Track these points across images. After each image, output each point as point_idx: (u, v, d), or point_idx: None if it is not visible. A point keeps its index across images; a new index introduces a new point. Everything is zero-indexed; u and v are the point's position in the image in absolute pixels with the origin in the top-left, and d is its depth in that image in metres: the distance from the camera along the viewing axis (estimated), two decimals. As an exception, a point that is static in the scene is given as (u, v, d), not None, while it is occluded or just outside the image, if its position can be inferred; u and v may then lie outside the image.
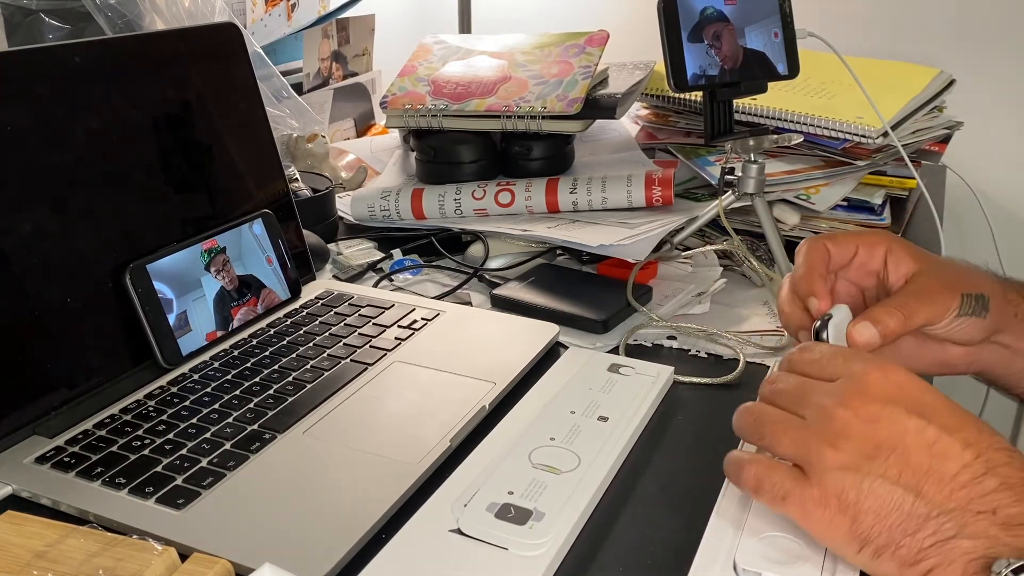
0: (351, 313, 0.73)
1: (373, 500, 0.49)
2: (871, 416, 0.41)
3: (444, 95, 0.96)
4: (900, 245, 0.55)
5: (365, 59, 1.34)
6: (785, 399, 0.45)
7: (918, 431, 0.41)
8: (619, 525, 0.50)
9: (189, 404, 0.59)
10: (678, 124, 1.05)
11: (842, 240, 0.56)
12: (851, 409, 0.42)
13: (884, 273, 0.55)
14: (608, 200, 0.87)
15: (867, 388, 0.42)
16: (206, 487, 0.51)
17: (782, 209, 0.90)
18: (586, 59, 0.97)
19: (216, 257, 0.68)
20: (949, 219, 1.05)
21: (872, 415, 0.41)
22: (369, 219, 0.92)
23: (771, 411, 0.45)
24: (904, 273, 0.54)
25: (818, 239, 0.56)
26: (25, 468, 0.53)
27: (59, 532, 0.45)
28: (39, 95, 0.59)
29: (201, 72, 0.71)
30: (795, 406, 0.44)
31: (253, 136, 0.76)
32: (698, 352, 0.70)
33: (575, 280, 0.80)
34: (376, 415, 0.59)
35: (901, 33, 1.40)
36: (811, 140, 0.92)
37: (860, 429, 0.41)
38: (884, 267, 0.55)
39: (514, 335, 0.69)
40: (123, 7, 0.87)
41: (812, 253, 0.55)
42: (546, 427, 0.56)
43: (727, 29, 0.76)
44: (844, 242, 0.56)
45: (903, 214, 0.97)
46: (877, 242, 0.55)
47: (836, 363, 0.45)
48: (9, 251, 0.56)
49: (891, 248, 0.55)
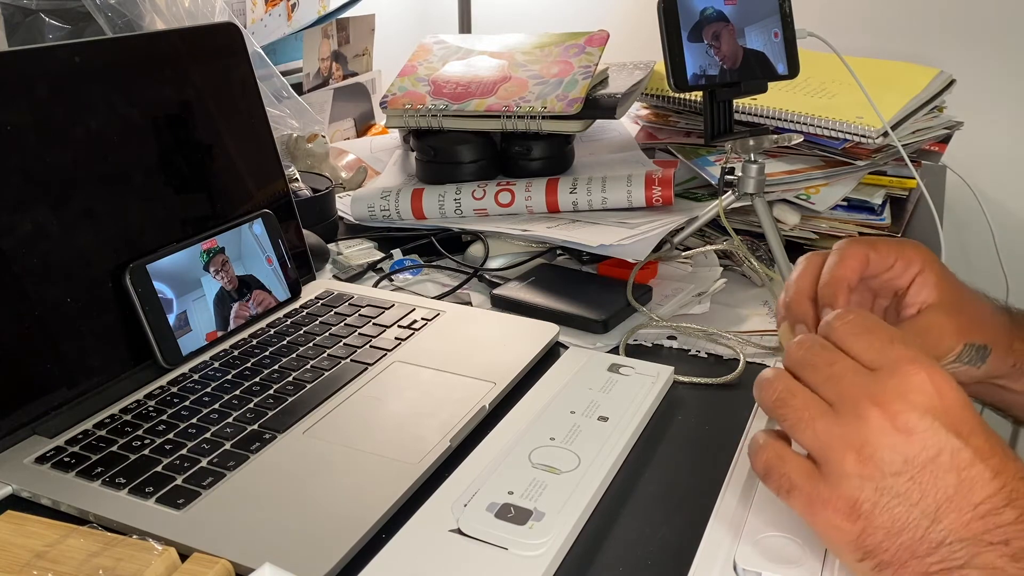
0: (351, 313, 0.73)
1: (373, 500, 0.49)
2: (907, 426, 0.38)
3: (444, 95, 0.96)
4: (931, 269, 0.52)
5: (365, 59, 1.34)
6: (814, 375, 0.41)
7: (953, 452, 0.38)
8: (619, 525, 0.50)
9: (189, 404, 0.59)
10: (678, 124, 1.05)
11: (885, 250, 0.52)
12: (887, 412, 0.39)
13: (905, 294, 0.52)
14: (608, 200, 0.87)
15: (909, 390, 0.39)
16: (206, 487, 0.51)
17: (782, 209, 0.90)
18: (586, 59, 0.97)
19: (215, 257, 0.68)
20: (949, 219, 1.05)
21: (908, 425, 0.38)
22: (369, 219, 0.92)
23: (797, 390, 0.41)
24: (923, 300, 0.51)
25: (860, 244, 0.51)
26: (25, 468, 0.53)
27: (59, 532, 0.45)
28: (39, 95, 0.59)
29: (201, 72, 0.71)
30: (825, 386, 0.41)
31: (253, 136, 0.76)
32: (698, 352, 0.70)
33: (575, 280, 0.80)
34: (376, 415, 0.59)
35: (901, 33, 1.40)
36: (811, 140, 0.92)
37: (892, 439, 0.38)
38: (908, 287, 0.52)
39: (514, 335, 0.69)
40: (123, 7, 0.87)
41: (851, 259, 0.51)
42: (546, 427, 0.56)
43: (726, 29, 0.76)
44: (886, 253, 0.51)
45: (903, 214, 0.97)
46: (914, 259, 0.52)
47: (879, 344, 0.41)
48: (9, 251, 0.56)
49: (923, 271, 0.51)
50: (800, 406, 0.41)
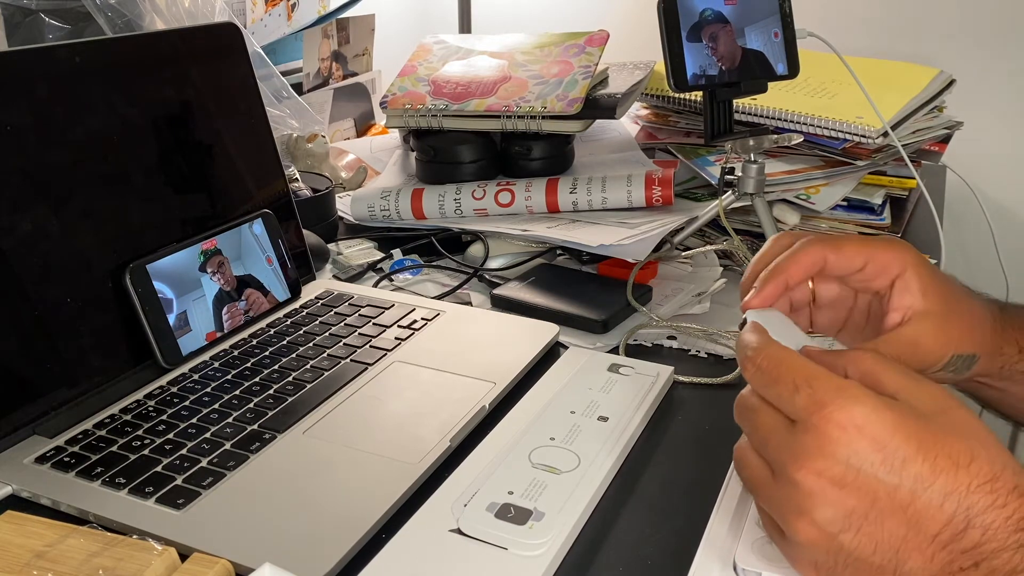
0: (351, 313, 0.73)
1: (373, 500, 0.49)
2: (837, 479, 0.37)
3: (444, 95, 0.96)
4: (914, 272, 0.48)
5: (365, 59, 1.34)
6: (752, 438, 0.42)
7: (889, 495, 0.37)
8: (619, 525, 0.50)
9: (189, 404, 0.59)
10: (678, 124, 1.05)
11: (850, 252, 0.48)
12: (812, 472, 0.38)
13: (888, 296, 0.49)
14: (608, 200, 0.87)
15: (826, 444, 0.37)
16: (206, 487, 0.51)
17: (782, 209, 0.90)
18: (586, 59, 0.97)
19: (211, 258, 0.68)
20: (949, 219, 1.05)
21: (838, 477, 0.37)
22: (369, 219, 0.92)
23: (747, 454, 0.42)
24: (907, 306, 0.48)
25: (821, 244, 0.48)
26: (25, 468, 0.53)
27: (59, 532, 0.45)
28: (39, 95, 0.59)
29: (201, 72, 0.71)
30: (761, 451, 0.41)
31: (253, 136, 0.76)
32: (698, 352, 0.70)
33: (575, 280, 0.80)
34: (376, 415, 0.59)
35: (901, 33, 1.40)
36: (811, 140, 0.92)
37: (829, 496, 0.37)
38: (889, 291, 0.48)
39: (514, 335, 0.69)
40: (123, 7, 0.87)
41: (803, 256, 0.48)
42: (546, 427, 0.56)
43: (724, 30, 0.76)
44: (851, 255, 0.48)
45: (903, 214, 0.97)
46: (890, 264, 0.48)
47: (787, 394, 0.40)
48: (9, 251, 0.56)
49: (903, 274, 0.48)
50: (751, 475, 0.42)
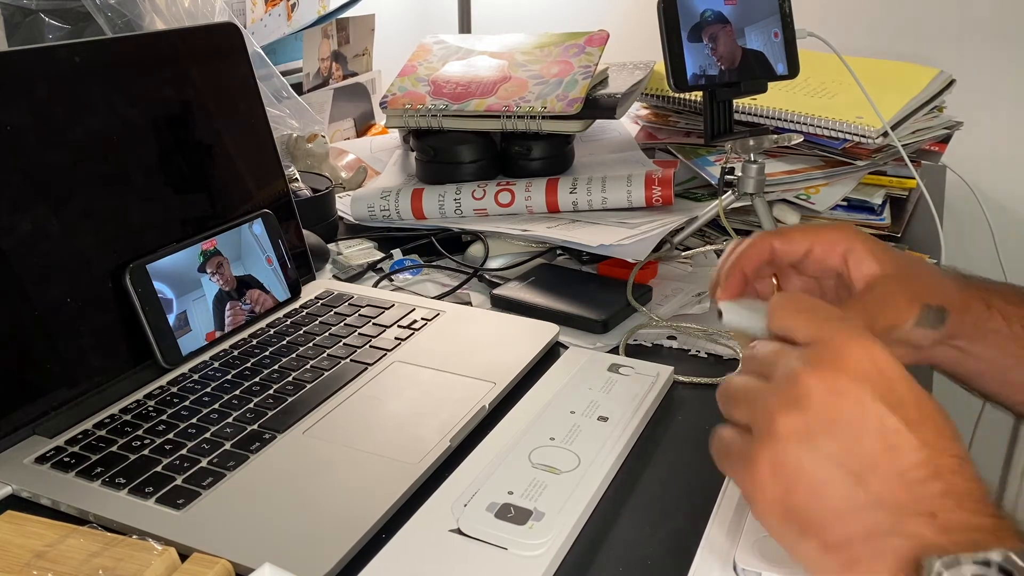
0: (351, 313, 0.73)
1: (373, 500, 0.49)
2: (837, 389, 0.39)
3: (444, 95, 0.96)
4: (862, 244, 0.52)
5: (365, 59, 1.34)
6: (756, 363, 0.43)
7: (879, 417, 0.38)
8: (619, 525, 0.50)
9: (189, 404, 0.59)
10: (678, 124, 1.05)
11: (794, 238, 0.53)
12: (819, 377, 0.39)
13: (846, 272, 0.52)
14: (608, 200, 0.87)
15: (842, 359, 0.39)
16: (206, 487, 0.51)
17: (782, 209, 0.90)
18: (586, 59, 0.97)
19: (210, 259, 0.68)
20: (949, 219, 1.05)
21: (838, 388, 0.39)
22: (369, 219, 0.92)
23: (736, 380, 0.43)
24: (867, 274, 0.51)
25: (766, 234, 0.53)
26: (25, 468, 0.53)
27: (59, 532, 0.45)
28: (39, 95, 0.59)
29: (201, 72, 0.71)
30: (762, 368, 0.42)
31: (253, 136, 0.76)
32: (698, 352, 0.70)
33: (575, 280, 0.80)
34: (376, 415, 0.59)
35: (901, 33, 1.40)
36: (811, 140, 0.92)
37: (821, 399, 0.39)
38: (845, 266, 0.52)
39: (514, 335, 0.69)
40: (123, 7, 0.87)
41: (752, 248, 0.52)
42: (546, 427, 0.56)
43: (724, 30, 0.76)
44: (795, 240, 0.52)
45: (903, 214, 0.97)
46: (836, 240, 0.52)
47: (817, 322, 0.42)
48: (9, 251, 0.56)
49: (851, 248, 0.51)
50: (735, 388, 0.43)
